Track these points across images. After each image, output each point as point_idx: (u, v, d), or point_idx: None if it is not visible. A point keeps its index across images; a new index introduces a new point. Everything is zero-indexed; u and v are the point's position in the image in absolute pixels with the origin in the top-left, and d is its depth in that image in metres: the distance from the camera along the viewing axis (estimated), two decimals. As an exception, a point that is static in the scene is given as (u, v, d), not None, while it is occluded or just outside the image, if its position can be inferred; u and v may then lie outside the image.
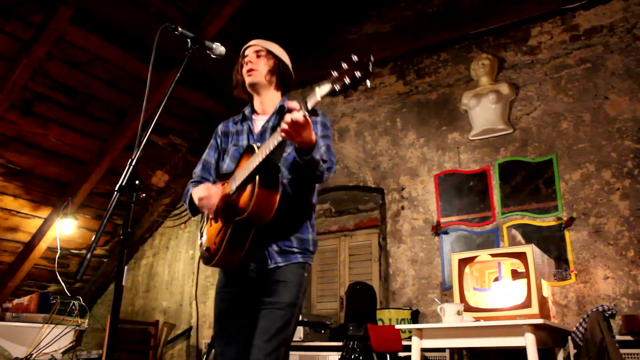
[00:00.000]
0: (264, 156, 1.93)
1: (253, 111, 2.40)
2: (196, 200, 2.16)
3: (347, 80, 1.65)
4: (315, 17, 6.02)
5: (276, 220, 2.05)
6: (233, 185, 2.10)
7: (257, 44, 2.37)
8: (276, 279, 2.11)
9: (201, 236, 2.32)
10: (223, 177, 2.28)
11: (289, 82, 2.41)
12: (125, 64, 5.41)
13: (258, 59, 2.32)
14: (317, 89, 1.72)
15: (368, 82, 1.66)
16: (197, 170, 2.44)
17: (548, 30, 4.96)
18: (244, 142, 2.32)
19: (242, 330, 2.16)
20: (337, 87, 1.67)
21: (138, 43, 5.28)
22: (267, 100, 2.36)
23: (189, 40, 2.16)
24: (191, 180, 2.43)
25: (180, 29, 2.13)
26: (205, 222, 2.31)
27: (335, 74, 1.69)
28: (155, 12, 5.13)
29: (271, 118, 2.30)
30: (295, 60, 2.56)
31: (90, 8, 4.87)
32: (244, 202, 2.01)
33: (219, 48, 2.25)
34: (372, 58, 1.64)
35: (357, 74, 1.64)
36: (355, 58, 1.65)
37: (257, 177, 1.95)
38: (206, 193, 2.13)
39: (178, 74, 2.11)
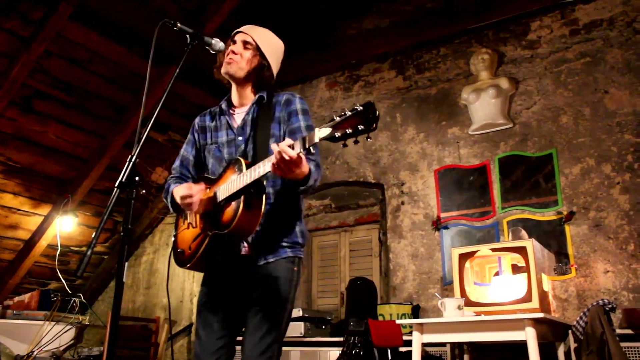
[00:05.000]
0: (252, 179, 1.90)
1: (230, 105, 2.35)
2: (178, 199, 2.12)
3: (348, 130, 1.63)
4: (315, 12, 6.01)
5: (263, 218, 2.03)
6: (218, 196, 2.07)
7: (249, 33, 2.29)
8: (266, 275, 2.09)
9: (176, 234, 2.29)
10: (205, 179, 2.24)
11: (266, 86, 2.31)
12: (125, 60, 5.40)
13: (244, 51, 2.26)
14: (317, 130, 1.70)
15: (369, 139, 1.64)
16: (176, 165, 2.41)
17: (548, 25, 4.95)
18: (223, 138, 2.28)
19: (225, 324, 2.14)
20: (338, 134, 1.65)
21: (138, 40, 5.27)
22: (244, 94, 2.31)
23: (188, 36, 2.14)
24: (171, 176, 2.40)
25: (179, 24, 2.12)
26: (182, 219, 2.27)
27: (337, 118, 1.66)
28: (155, 9, 5.12)
29: (250, 110, 2.26)
30: (295, 56, 2.55)
31: (90, 5, 4.86)
32: (227, 217, 1.99)
33: (218, 44, 2.24)
34: (377, 113, 1.61)
35: (360, 127, 1.62)
36: (359, 108, 1.61)
37: (243, 197, 1.93)
38: (188, 192, 2.08)
39: (178, 70, 2.10)
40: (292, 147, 1.76)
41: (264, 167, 1.86)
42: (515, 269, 3.83)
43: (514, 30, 5.11)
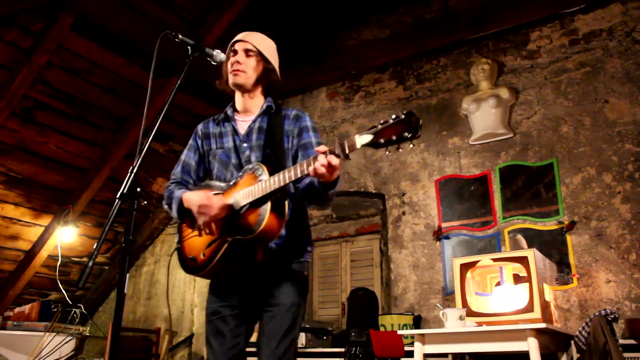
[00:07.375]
0: (282, 184, 1.90)
1: (235, 111, 2.35)
2: (194, 207, 2.05)
3: (393, 137, 1.65)
4: (315, 22, 6.03)
5: None
6: (239, 201, 2.03)
7: (248, 40, 2.30)
8: (279, 280, 2.10)
9: (181, 240, 2.25)
10: (212, 185, 2.21)
11: (276, 88, 2.35)
12: (125, 71, 5.42)
13: (247, 59, 2.27)
14: (357, 137, 1.71)
15: (413, 145, 1.67)
16: (177, 171, 2.38)
17: (547, 35, 4.97)
18: (229, 144, 2.27)
19: (237, 332, 2.13)
20: (382, 141, 1.67)
21: (138, 50, 5.29)
22: (251, 101, 2.31)
23: (189, 47, 2.15)
24: (172, 181, 2.37)
25: (180, 36, 2.13)
26: (186, 225, 2.22)
27: (379, 126, 1.67)
28: (155, 20, 5.14)
29: (257, 119, 2.26)
30: (295, 66, 2.56)
31: (90, 16, 4.88)
32: (251, 222, 1.96)
33: (219, 55, 2.24)
34: (420, 122, 1.64)
35: (406, 134, 1.64)
36: (402, 116, 1.63)
37: (270, 202, 1.93)
38: (208, 202, 2.02)
39: (179, 82, 2.11)
40: (332, 152, 1.79)
41: (296, 172, 1.87)
42: (517, 279, 3.82)
43: (514, 41, 5.13)
